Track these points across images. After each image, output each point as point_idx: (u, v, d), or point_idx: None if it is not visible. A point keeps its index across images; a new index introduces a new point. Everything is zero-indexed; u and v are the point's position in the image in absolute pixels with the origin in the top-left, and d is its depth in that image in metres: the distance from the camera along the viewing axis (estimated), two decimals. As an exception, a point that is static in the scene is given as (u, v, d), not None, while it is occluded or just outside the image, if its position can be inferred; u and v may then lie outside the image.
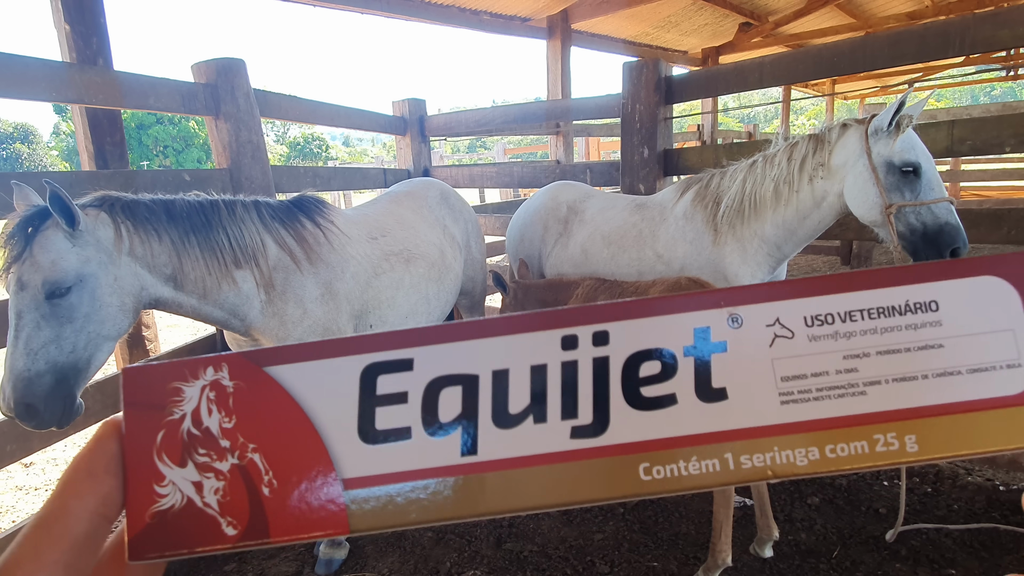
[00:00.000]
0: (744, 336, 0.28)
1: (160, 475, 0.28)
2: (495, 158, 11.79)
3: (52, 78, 2.02)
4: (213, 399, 0.28)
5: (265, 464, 0.28)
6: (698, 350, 0.28)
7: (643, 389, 0.28)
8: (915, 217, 1.94)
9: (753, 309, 0.28)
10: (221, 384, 0.28)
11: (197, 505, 0.27)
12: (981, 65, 8.88)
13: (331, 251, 2.03)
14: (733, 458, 0.27)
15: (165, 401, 0.28)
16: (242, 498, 0.27)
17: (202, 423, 0.28)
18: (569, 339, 0.28)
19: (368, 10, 5.02)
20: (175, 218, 1.70)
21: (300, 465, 0.28)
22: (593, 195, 2.81)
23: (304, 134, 37.06)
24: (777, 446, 0.27)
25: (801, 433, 0.28)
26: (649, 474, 0.27)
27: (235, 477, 0.28)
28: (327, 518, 0.27)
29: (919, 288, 0.29)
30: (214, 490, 0.28)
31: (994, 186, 9.88)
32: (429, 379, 0.28)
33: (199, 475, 0.28)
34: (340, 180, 3.67)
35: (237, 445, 0.28)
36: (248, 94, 2.63)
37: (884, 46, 2.49)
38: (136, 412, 0.28)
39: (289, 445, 0.28)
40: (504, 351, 0.28)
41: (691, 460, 0.28)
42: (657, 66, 2.99)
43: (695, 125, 7.94)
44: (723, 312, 0.28)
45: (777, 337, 0.28)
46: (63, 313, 1.48)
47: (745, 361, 0.28)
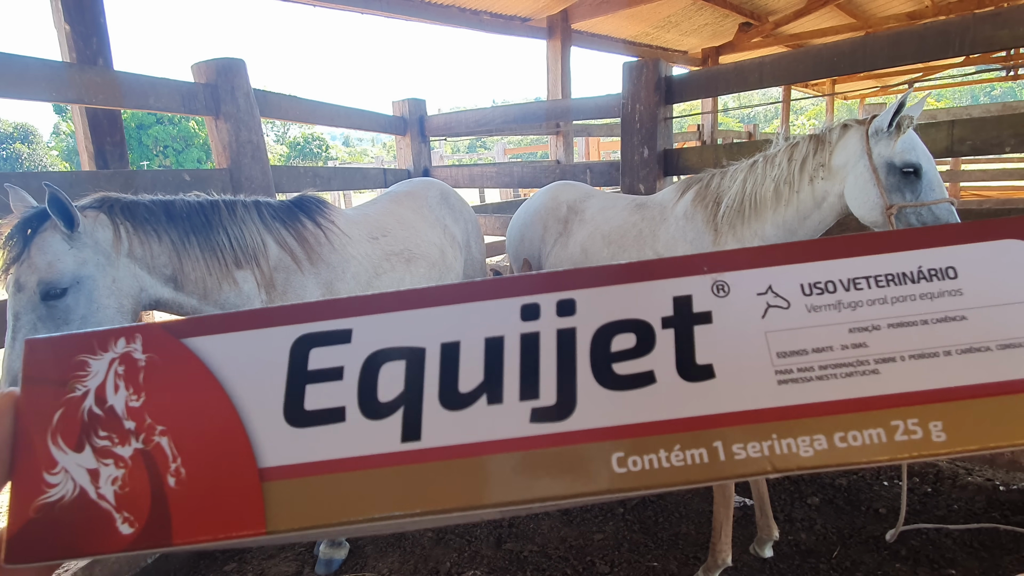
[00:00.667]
0: (732, 306, 0.25)
1: (52, 461, 0.24)
2: (495, 158, 11.79)
3: (52, 78, 2.02)
4: (121, 374, 0.25)
5: (173, 450, 0.24)
6: (678, 321, 0.25)
7: (615, 366, 0.24)
8: (916, 218, 1.93)
9: (741, 276, 0.25)
10: (132, 357, 0.25)
11: (90, 497, 0.24)
12: (981, 65, 8.88)
13: (332, 251, 2.03)
14: (724, 447, 0.23)
15: (67, 376, 0.25)
16: (143, 489, 0.24)
17: (106, 401, 0.25)
18: (530, 308, 0.25)
19: (368, 10, 5.02)
20: (175, 219, 1.70)
21: (214, 452, 0.24)
22: (593, 195, 2.81)
23: (304, 134, 37.06)
24: (776, 433, 0.24)
25: (804, 418, 0.24)
26: (624, 465, 0.23)
27: (137, 464, 0.24)
28: (241, 515, 0.23)
29: (934, 253, 0.25)
30: (111, 479, 0.24)
31: (994, 186, 9.87)
32: (369, 352, 0.25)
33: (96, 461, 0.24)
34: (340, 180, 3.67)
35: (144, 427, 0.24)
36: (248, 94, 2.63)
37: (884, 46, 2.49)
38: (34, 388, 0.25)
39: (203, 428, 0.24)
40: (455, 321, 0.25)
41: (673, 449, 0.23)
42: (657, 66, 2.99)
43: (695, 125, 7.94)
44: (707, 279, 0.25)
45: (770, 307, 0.25)
46: (60, 315, 1.48)
47: (734, 334, 0.25)
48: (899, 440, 0.23)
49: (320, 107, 3.39)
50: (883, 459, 0.23)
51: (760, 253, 0.25)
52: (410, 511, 0.23)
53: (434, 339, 0.24)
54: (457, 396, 0.24)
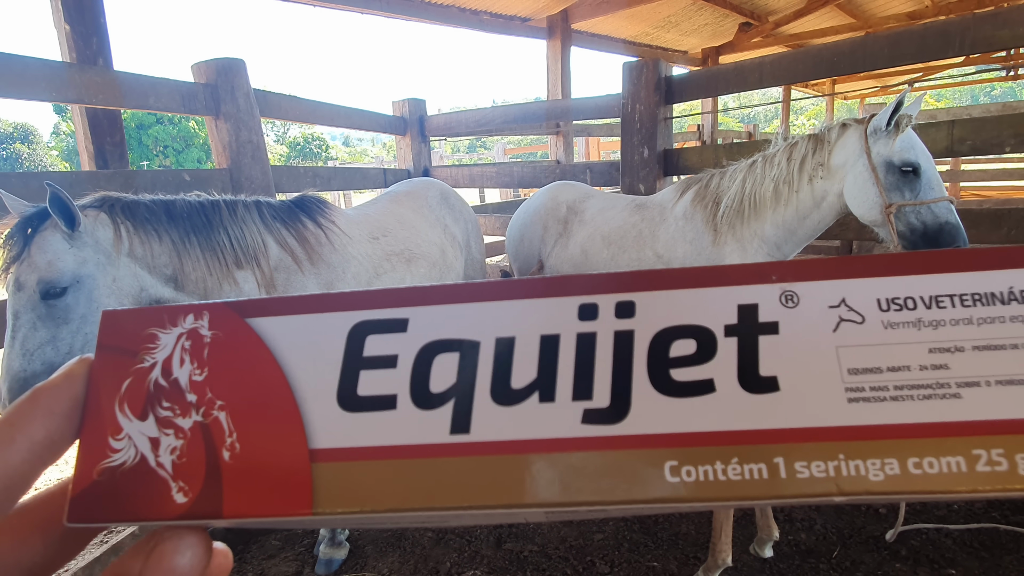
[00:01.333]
0: (801, 317, 0.24)
1: (118, 427, 0.25)
2: (495, 158, 11.80)
3: (52, 78, 2.02)
4: (188, 348, 0.26)
5: (230, 424, 0.25)
6: (742, 330, 0.24)
7: (673, 371, 0.23)
8: (915, 216, 1.94)
9: (813, 287, 0.24)
10: (199, 333, 0.26)
11: (149, 464, 0.25)
12: (981, 65, 8.88)
13: (332, 251, 2.03)
14: (786, 464, 0.22)
15: (138, 347, 0.26)
16: (199, 460, 0.24)
17: (171, 374, 0.26)
18: (588, 308, 0.24)
19: (368, 10, 5.02)
20: (175, 218, 1.70)
21: (268, 429, 0.25)
22: (593, 195, 2.81)
23: (304, 134, 37.07)
24: (843, 453, 0.22)
25: (875, 440, 0.22)
26: (677, 475, 0.22)
27: (195, 436, 0.25)
28: (289, 494, 0.24)
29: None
30: (170, 448, 0.25)
31: (994, 186, 9.87)
32: (424, 343, 0.25)
33: (158, 431, 0.25)
34: (340, 180, 3.67)
35: (204, 400, 0.25)
36: (248, 94, 2.63)
37: (884, 46, 2.49)
38: (107, 355, 0.26)
39: (260, 406, 0.25)
40: (512, 317, 0.25)
41: (731, 462, 0.22)
42: (657, 66, 2.99)
43: (695, 125, 7.94)
44: (775, 288, 0.24)
45: (843, 321, 0.23)
46: (59, 314, 1.48)
47: (802, 347, 0.23)
48: (981, 471, 0.22)
49: (320, 107, 3.39)
50: (962, 490, 0.21)
51: (835, 264, 0.24)
52: (455, 504, 0.23)
53: (489, 333, 0.25)
54: (509, 391, 0.24)
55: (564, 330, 0.24)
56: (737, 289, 0.24)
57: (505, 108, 4.10)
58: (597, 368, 0.24)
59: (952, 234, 1.90)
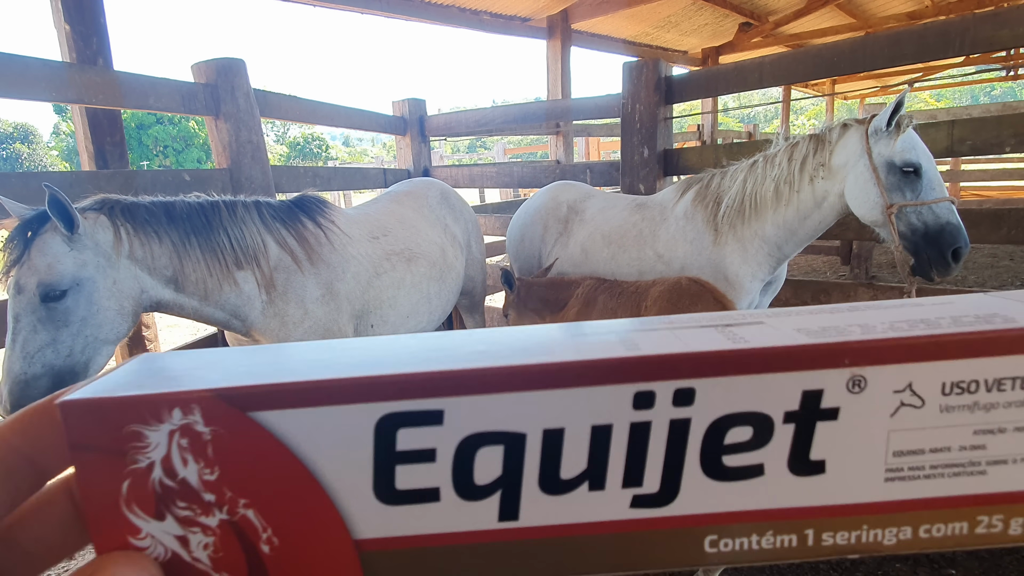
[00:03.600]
0: (863, 403, 0.23)
1: (135, 528, 0.23)
2: (495, 158, 11.80)
3: (52, 78, 2.02)
4: (187, 447, 0.22)
5: (262, 521, 0.23)
6: (802, 416, 0.23)
7: (725, 458, 0.23)
8: (916, 217, 1.94)
9: (884, 371, 0.23)
10: (194, 430, 0.22)
11: (184, 559, 0.23)
12: (981, 65, 8.89)
13: (332, 251, 2.03)
14: (815, 535, 0.24)
15: (123, 446, 0.22)
16: (237, 554, 0.23)
17: (176, 474, 0.23)
18: (644, 396, 0.23)
19: (368, 10, 5.02)
20: (175, 220, 1.70)
21: (305, 524, 0.23)
22: (593, 195, 2.81)
23: (304, 134, 37.07)
24: (867, 524, 0.24)
25: (899, 512, 0.24)
26: (715, 547, 0.24)
27: (226, 532, 0.23)
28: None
29: None
30: (203, 545, 0.23)
31: (994, 186, 9.88)
32: (464, 436, 0.23)
33: (182, 530, 0.23)
34: (340, 180, 3.67)
35: (225, 500, 0.23)
36: (248, 94, 2.63)
37: (884, 46, 2.49)
38: (88, 457, 0.22)
39: (289, 501, 0.23)
40: (560, 407, 0.23)
41: (765, 534, 0.24)
42: (657, 66, 2.99)
43: (695, 125, 7.94)
44: (845, 373, 0.23)
45: (903, 406, 0.23)
46: (59, 317, 1.48)
47: (857, 432, 0.23)
48: (979, 532, 0.24)
49: (320, 107, 3.39)
50: (956, 547, 0.24)
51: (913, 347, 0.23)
52: None
53: (536, 425, 0.23)
54: (558, 482, 0.24)
55: (617, 420, 0.23)
56: (805, 375, 0.23)
57: (505, 108, 4.10)
58: (649, 457, 0.23)
59: (953, 235, 1.90)
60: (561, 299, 2.37)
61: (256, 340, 1.97)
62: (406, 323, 2.32)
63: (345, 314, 2.04)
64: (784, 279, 2.54)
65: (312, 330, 1.94)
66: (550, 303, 2.41)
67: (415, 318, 2.36)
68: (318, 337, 1.95)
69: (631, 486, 0.24)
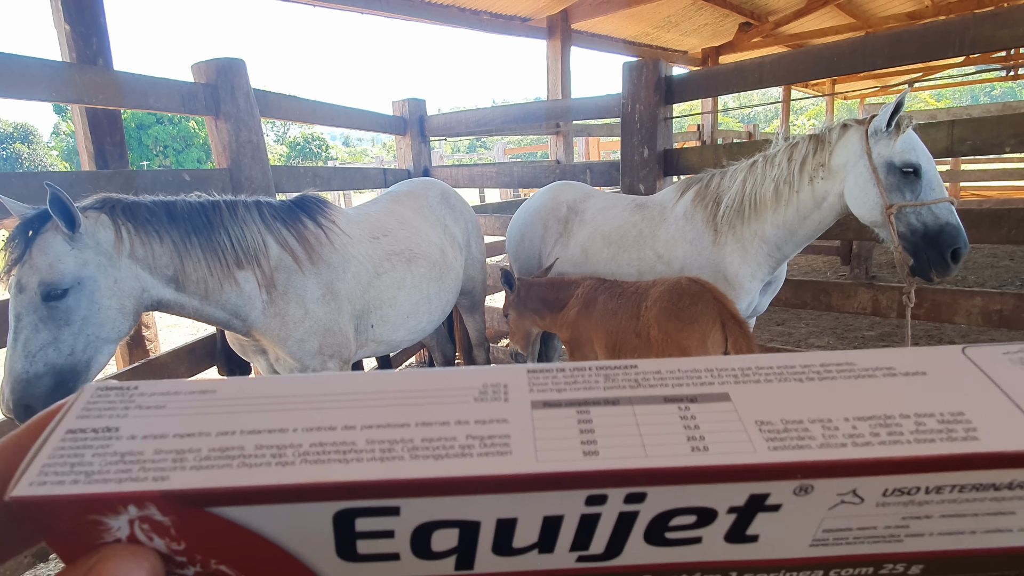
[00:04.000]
0: (806, 502, 0.24)
1: None
2: (495, 158, 11.80)
3: (52, 78, 2.02)
4: (149, 529, 0.23)
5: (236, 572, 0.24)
6: (745, 509, 0.24)
7: (668, 533, 0.25)
8: (916, 217, 1.94)
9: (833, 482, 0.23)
10: (153, 519, 0.22)
11: None
12: (981, 65, 8.89)
13: (333, 251, 2.03)
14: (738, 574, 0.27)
15: (87, 529, 0.23)
16: None
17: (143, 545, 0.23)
18: (597, 498, 0.24)
19: (368, 10, 5.02)
20: (176, 219, 1.70)
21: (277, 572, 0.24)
22: (593, 195, 2.81)
23: (304, 134, 37.07)
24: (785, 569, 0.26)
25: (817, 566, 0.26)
26: None
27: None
28: None
29: None
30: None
31: (994, 186, 9.88)
32: (420, 522, 0.24)
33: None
34: (340, 180, 3.67)
35: (196, 560, 0.24)
36: (248, 94, 2.63)
37: (884, 46, 2.49)
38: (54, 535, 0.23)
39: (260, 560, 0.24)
40: (514, 503, 0.23)
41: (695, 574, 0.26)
42: (657, 66, 2.99)
43: (695, 125, 7.95)
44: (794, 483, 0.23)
45: (843, 502, 0.24)
46: (61, 316, 1.48)
47: (793, 519, 0.24)
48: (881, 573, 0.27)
49: (320, 107, 3.39)
50: None
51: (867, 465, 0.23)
52: None
53: (490, 515, 0.24)
54: (510, 549, 0.25)
55: (569, 512, 0.24)
56: (755, 484, 0.23)
57: (505, 108, 4.10)
58: (596, 535, 0.25)
59: (952, 235, 1.91)
60: (561, 299, 2.37)
61: (257, 340, 1.97)
62: (406, 323, 2.32)
63: (345, 314, 2.04)
64: (784, 279, 2.54)
65: (312, 330, 1.94)
66: (550, 303, 2.41)
67: (415, 318, 2.36)
68: (319, 336, 1.95)
69: (578, 550, 0.25)
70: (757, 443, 0.24)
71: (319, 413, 0.25)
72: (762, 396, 0.26)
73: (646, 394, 0.26)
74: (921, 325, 4.55)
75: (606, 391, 0.26)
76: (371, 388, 0.27)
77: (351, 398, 0.26)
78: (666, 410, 0.25)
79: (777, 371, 0.27)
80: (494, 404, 0.26)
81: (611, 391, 0.26)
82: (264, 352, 2.06)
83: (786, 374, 0.27)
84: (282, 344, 1.91)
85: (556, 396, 0.26)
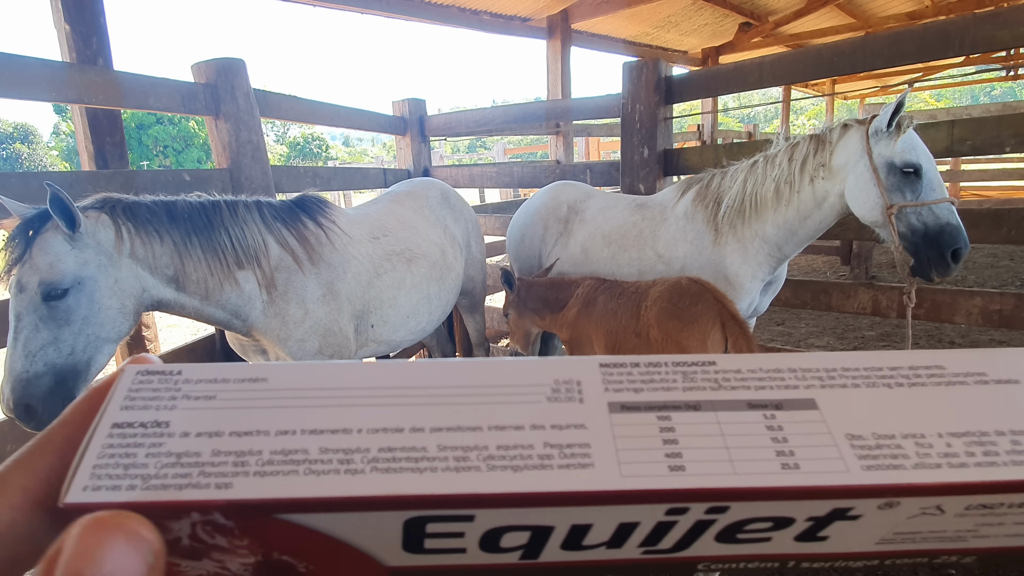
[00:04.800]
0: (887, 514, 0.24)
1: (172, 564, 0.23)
2: (495, 158, 11.79)
3: (52, 78, 2.02)
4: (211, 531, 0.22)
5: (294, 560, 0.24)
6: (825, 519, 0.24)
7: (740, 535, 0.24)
8: (916, 218, 1.94)
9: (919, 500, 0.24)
10: (217, 523, 0.22)
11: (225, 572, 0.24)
12: (981, 65, 8.89)
13: (333, 251, 2.03)
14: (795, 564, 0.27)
15: None
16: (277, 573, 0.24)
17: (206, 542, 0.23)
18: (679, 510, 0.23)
19: (368, 10, 5.02)
20: (177, 219, 1.70)
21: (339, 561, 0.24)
22: (593, 195, 2.81)
23: (304, 134, 37.06)
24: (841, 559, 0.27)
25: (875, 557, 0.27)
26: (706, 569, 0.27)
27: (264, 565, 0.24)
28: None
29: None
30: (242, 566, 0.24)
31: (994, 186, 9.89)
32: (492, 527, 0.23)
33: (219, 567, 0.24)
34: (340, 180, 3.67)
35: (258, 551, 0.23)
36: (248, 94, 2.63)
37: (884, 46, 2.49)
38: None
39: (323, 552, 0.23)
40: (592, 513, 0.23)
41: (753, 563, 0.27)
42: (657, 66, 2.99)
43: (695, 125, 7.95)
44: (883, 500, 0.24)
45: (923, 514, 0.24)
46: (61, 315, 1.48)
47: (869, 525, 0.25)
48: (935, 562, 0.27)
49: (320, 107, 3.38)
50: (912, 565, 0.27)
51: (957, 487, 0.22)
52: None
53: (565, 522, 0.23)
54: (580, 547, 0.24)
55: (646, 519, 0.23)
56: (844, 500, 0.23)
57: (505, 108, 4.10)
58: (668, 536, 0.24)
59: (953, 235, 1.91)
60: (561, 299, 2.37)
61: (257, 340, 1.97)
62: (406, 323, 2.32)
63: (346, 314, 2.04)
64: (784, 279, 2.54)
65: (313, 330, 1.94)
66: (550, 303, 2.41)
67: (415, 318, 2.36)
68: (319, 336, 1.95)
69: (646, 546, 0.24)
70: (849, 461, 0.23)
71: (384, 411, 0.24)
72: (851, 404, 0.25)
73: (729, 398, 0.25)
74: (921, 325, 4.55)
75: (686, 392, 0.25)
76: (432, 382, 0.25)
77: (414, 393, 0.25)
78: (751, 417, 0.24)
79: (864, 375, 0.26)
80: (569, 406, 0.24)
81: (691, 393, 0.25)
82: (264, 352, 2.06)
83: (874, 378, 0.25)
84: (282, 344, 1.91)
85: (634, 398, 0.25)
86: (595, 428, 0.24)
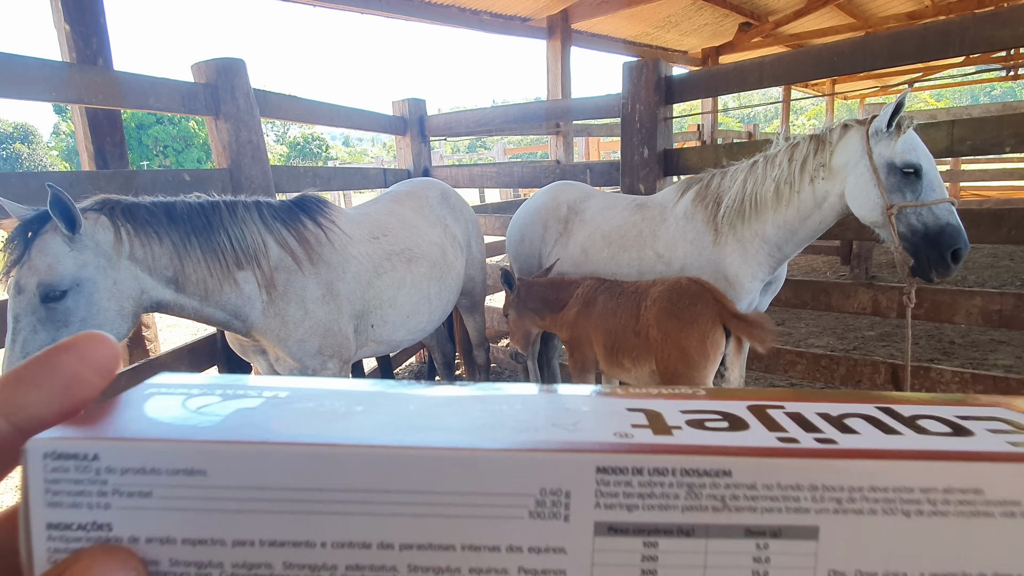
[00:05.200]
0: None
1: None
2: (495, 158, 11.79)
3: (52, 78, 2.02)
4: None
5: None
6: None
7: None
8: (916, 218, 1.94)
9: None
10: None
11: None
12: (981, 65, 8.89)
13: (332, 251, 2.03)
14: None
15: None
16: None
17: None
18: None
19: (368, 10, 5.02)
20: (176, 220, 1.70)
21: None
22: (593, 195, 2.81)
23: (304, 134, 37.06)
24: None
25: None
26: None
27: None
28: None
29: None
30: None
31: (994, 186, 9.89)
32: None
33: None
34: (340, 180, 3.67)
35: None
36: (248, 94, 2.63)
37: (884, 46, 2.49)
38: None
39: None
40: None
41: None
42: (657, 66, 2.99)
43: (695, 125, 7.95)
44: None
45: None
46: (59, 317, 1.48)
47: None
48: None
49: (320, 107, 3.38)
50: None
51: None
52: None
53: None
54: None
55: None
56: None
57: (505, 108, 4.10)
58: None
59: (953, 236, 1.90)
60: (561, 299, 2.37)
61: (257, 340, 1.97)
62: (407, 323, 2.32)
63: (345, 314, 2.04)
64: (784, 279, 2.54)
65: (312, 330, 1.94)
66: (550, 303, 2.41)
67: (415, 318, 2.36)
68: (319, 337, 1.95)
69: None
70: None
71: (349, 521, 0.22)
72: (854, 534, 0.23)
73: (728, 522, 0.23)
74: (921, 325, 4.55)
75: (684, 513, 0.23)
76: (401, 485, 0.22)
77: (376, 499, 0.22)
78: (742, 547, 0.23)
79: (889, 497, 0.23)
80: (552, 524, 0.23)
81: (689, 514, 0.23)
82: (264, 352, 2.06)
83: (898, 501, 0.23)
84: (282, 344, 1.91)
85: (625, 517, 0.23)
86: (575, 554, 0.22)
